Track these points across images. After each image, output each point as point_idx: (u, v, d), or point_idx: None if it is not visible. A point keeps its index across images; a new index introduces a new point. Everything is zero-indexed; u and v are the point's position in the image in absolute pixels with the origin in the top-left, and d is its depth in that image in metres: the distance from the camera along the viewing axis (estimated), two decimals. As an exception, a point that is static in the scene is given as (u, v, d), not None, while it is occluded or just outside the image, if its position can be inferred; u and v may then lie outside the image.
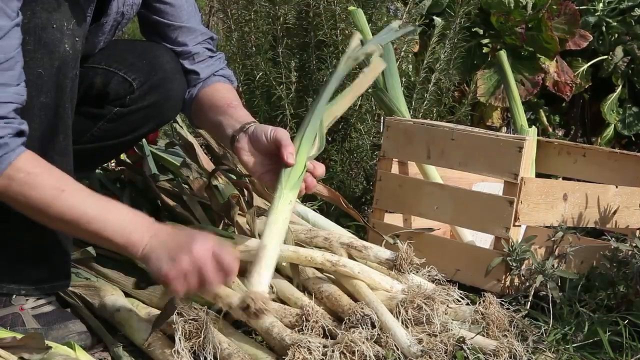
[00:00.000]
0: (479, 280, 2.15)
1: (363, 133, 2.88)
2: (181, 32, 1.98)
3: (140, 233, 1.52)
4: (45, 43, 1.60)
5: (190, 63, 1.99)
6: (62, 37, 1.61)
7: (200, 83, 1.99)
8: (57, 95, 1.63)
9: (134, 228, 1.53)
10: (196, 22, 2.02)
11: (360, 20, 2.53)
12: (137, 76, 1.91)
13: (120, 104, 1.92)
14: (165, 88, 1.95)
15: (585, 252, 2.22)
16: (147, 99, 1.93)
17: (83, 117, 1.92)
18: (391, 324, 1.70)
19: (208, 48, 2.03)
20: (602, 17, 3.56)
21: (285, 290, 1.85)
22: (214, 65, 2.02)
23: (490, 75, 3.30)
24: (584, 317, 1.91)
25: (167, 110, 2.00)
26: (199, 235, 1.54)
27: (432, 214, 2.30)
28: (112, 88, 1.90)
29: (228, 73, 2.05)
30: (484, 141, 2.20)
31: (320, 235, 1.99)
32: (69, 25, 1.63)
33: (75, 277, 1.92)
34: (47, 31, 1.60)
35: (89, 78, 1.90)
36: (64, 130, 1.67)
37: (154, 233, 1.53)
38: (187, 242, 1.51)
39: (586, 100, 3.75)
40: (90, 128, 1.94)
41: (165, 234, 1.53)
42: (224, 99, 1.94)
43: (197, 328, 1.60)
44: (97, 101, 1.92)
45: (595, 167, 2.55)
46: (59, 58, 1.62)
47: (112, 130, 1.94)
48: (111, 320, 1.79)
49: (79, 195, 1.52)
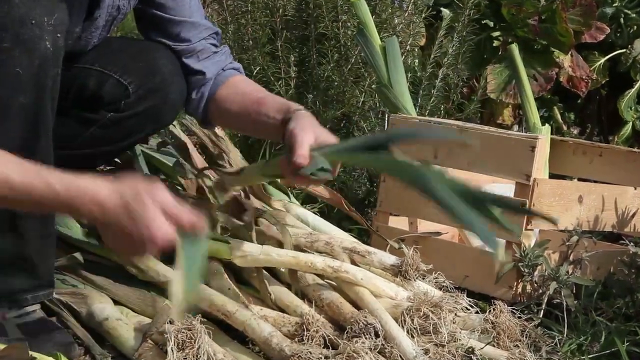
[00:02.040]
0: (489, 287, 2.15)
1: (366, 131, 2.89)
2: (184, 27, 1.97)
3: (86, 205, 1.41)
4: (23, 40, 1.57)
5: (195, 61, 1.98)
6: (42, 34, 1.59)
7: (208, 82, 1.99)
8: (37, 96, 1.61)
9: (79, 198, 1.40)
10: (200, 16, 2.01)
11: (363, 12, 2.53)
12: (132, 79, 1.91)
13: (114, 109, 1.92)
14: (163, 92, 1.94)
15: (602, 257, 2.22)
16: (143, 103, 1.93)
17: (74, 122, 1.91)
18: (396, 334, 1.70)
19: (212, 44, 2.02)
20: (620, 8, 3.56)
21: (284, 298, 1.85)
22: (220, 61, 2.01)
23: (501, 70, 3.29)
24: (601, 327, 1.91)
25: (164, 116, 1.99)
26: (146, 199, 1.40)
27: (439, 217, 2.30)
28: (106, 91, 1.90)
29: (236, 65, 2.05)
30: (494, 140, 2.20)
31: (321, 239, 1.99)
32: (50, 21, 1.60)
33: (61, 284, 1.92)
34: (26, 27, 1.57)
35: (81, 79, 1.89)
36: (45, 132, 1.65)
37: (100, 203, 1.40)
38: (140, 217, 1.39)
39: (603, 96, 3.75)
40: (81, 133, 1.93)
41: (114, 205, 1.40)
42: (249, 95, 1.92)
43: (191, 338, 1.59)
44: (90, 105, 1.91)
45: (613, 167, 2.55)
46: (39, 56, 1.59)
47: (104, 136, 1.94)
48: (99, 329, 1.79)
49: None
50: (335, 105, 2.91)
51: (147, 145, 2.57)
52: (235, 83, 2.00)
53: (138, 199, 1.40)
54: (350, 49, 2.89)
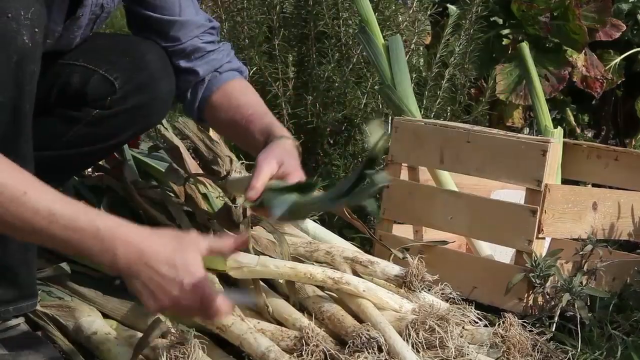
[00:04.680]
0: (499, 299, 2.16)
1: (369, 135, 2.89)
2: (173, 26, 1.98)
3: (115, 257, 1.47)
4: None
5: (186, 61, 1.99)
6: (18, 28, 1.58)
7: (202, 82, 2.00)
8: (15, 94, 1.60)
9: (110, 248, 1.48)
10: (192, 13, 2.01)
11: (366, 9, 2.54)
12: (119, 75, 1.91)
13: (100, 106, 1.91)
14: (151, 88, 1.94)
15: (618, 267, 2.22)
16: (130, 100, 1.93)
17: (57, 120, 1.92)
18: (400, 348, 1.70)
19: (208, 41, 2.02)
20: (637, 4, 3.57)
21: (283, 311, 1.86)
22: (215, 60, 2.02)
23: (510, 70, 3.30)
24: (617, 341, 1.91)
25: (153, 113, 2.00)
26: (188, 263, 1.49)
27: (445, 225, 2.30)
28: (91, 88, 1.90)
29: (236, 65, 2.06)
30: (503, 144, 2.21)
31: (322, 248, 1.99)
32: (27, 15, 1.59)
33: (47, 297, 1.92)
34: (1, 21, 1.56)
35: (64, 76, 1.90)
36: (25, 132, 1.65)
37: (135, 249, 1.48)
38: (175, 275, 1.48)
39: (619, 97, 3.76)
40: (65, 132, 1.93)
41: (149, 254, 1.48)
42: (240, 109, 1.96)
43: (184, 353, 1.60)
44: (74, 102, 1.91)
45: (629, 172, 2.56)
46: (16, 51, 1.58)
47: (90, 135, 1.94)
48: (87, 344, 1.79)
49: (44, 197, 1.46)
50: (336, 107, 2.92)
51: (138, 150, 2.58)
52: (230, 91, 2.01)
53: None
54: (352, 48, 2.90)
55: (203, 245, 1.51)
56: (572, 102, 3.64)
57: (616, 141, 3.82)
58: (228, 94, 2.01)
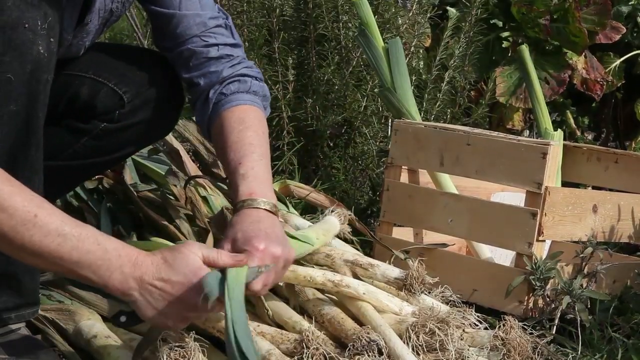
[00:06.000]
0: (499, 302, 2.16)
1: (369, 138, 2.90)
2: (172, 21, 1.90)
3: (123, 275, 1.54)
4: (15, 45, 1.57)
5: (185, 72, 1.92)
6: (35, 38, 1.59)
7: (208, 102, 1.89)
8: (28, 103, 1.61)
9: (117, 267, 1.54)
10: (194, 7, 1.90)
11: (365, 11, 2.54)
12: (128, 89, 1.90)
13: (108, 119, 1.91)
14: (159, 104, 1.93)
15: (618, 270, 2.23)
16: (138, 115, 1.92)
17: (65, 131, 1.91)
18: (400, 351, 1.71)
19: (210, 44, 1.91)
20: (637, 6, 3.57)
21: (283, 314, 1.86)
22: (213, 74, 1.90)
23: (510, 72, 3.31)
24: (617, 343, 1.92)
25: (159, 129, 2.00)
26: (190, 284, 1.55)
27: (446, 227, 2.31)
28: (99, 101, 1.89)
29: (245, 87, 1.90)
30: (503, 146, 2.21)
31: (321, 251, 1.99)
32: (44, 25, 1.60)
33: (47, 300, 1.92)
34: (18, 31, 1.57)
35: (74, 87, 1.89)
36: (36, 142, 1.65)
37: (140, 276, 1.55)
38: (181, 300, 1.56)
39: (619, 99, 3.76)
40: (72, 144, 1.92)
41: (152, 279, 1.55)
42: (232, 150, 1.82)
43: (184, 356, 1.60)
44: (82, 114, 1.91)
45: (629, 174, 2.56)
46: (31, 61, 1.59)
47: (95, 147, 1.93)
48: (87, 348, 1.79)
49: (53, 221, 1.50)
50: (336, 110, 2.92)
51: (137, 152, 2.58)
52: (227, 126, 1.86)
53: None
54: (352, 51, 2.91)
55: (200, 255, 1.58)
56: (572, 105, 3.65)
57: (616, 144, 3.82)
58: (223, 132, 1.87)
